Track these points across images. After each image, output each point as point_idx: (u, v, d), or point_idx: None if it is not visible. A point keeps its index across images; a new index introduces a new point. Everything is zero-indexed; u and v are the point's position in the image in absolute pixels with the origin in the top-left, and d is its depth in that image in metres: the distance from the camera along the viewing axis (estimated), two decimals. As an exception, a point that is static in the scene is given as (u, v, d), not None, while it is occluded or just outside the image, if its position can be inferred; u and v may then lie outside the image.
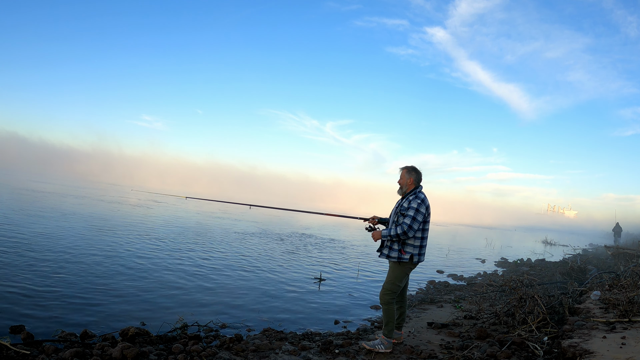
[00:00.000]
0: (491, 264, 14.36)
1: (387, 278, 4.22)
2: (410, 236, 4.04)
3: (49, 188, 26.96)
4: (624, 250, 10.26)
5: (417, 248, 4.14)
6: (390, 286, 4.15)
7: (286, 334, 4.79)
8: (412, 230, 4.02)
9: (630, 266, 6.81)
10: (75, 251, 8.18)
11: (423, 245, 4.20)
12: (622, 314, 4.51)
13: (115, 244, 9.51)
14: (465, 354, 4.08)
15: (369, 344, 4.20)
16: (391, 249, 4.17)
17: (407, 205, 4.11)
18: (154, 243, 10.38)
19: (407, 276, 4.28)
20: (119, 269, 7.21)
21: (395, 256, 4.11)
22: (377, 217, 4.50)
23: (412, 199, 4.13)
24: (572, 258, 15.30)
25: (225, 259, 9.47)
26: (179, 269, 7.84)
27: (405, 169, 4.29)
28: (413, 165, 4.30)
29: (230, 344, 4.18)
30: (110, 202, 22.80)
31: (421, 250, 4.19)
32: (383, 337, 4.19)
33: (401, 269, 4.15)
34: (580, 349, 3.65)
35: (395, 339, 4.40)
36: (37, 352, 3.52)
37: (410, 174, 4.25)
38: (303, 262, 10.18)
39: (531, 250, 21.90)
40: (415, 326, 5.31)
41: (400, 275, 4.16)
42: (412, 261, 4.11)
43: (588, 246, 29.46)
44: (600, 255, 14.32)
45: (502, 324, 5.15)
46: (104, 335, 4.12)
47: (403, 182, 4.29)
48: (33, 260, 7.02)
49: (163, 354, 3.79)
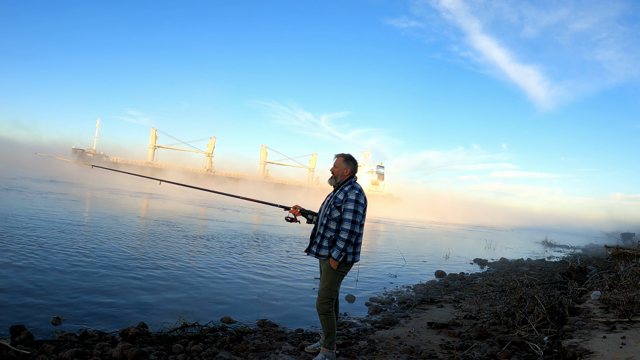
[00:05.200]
0: (491, 264, 14.35)
1: (322, 284, 3.81)
2: (358, 232, 3.67)
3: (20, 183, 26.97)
4: (624, 250, 10.25)
5: (351, 246, 3.72)
6: (327, 293, 3.77)
7: (286, 334, 4.79)
8: (357, 225, 3.65)
9: (630, 266, 6.81)
10: (74, 251, 8.18)
11: (358, 243, 3.78)
12: (622, 314, 4.51)
13: (115, 244, 9.51)
14: (465, 354, 4.08)
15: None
16: (320, 247, 3.77)
17: (343, 197, 3.71)
18: (153, 243, 10.38)
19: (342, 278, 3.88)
20: (118, 269, 7.20)
21: (325, 254, 3.74)
22: (300, 207, 4.09)
23: (348, 190, 3.73)
24: (572, 258, 15.30)
25: (225, 258, 9.46)
26: (179, 269, 7.83)
27: (342, 157, 3.89)
28: (350, 154, 3.91)
29: (230, 344, 4.18)
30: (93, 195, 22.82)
31: (356, 249, 3.77)
32: (325, 350, 3.84)
33: (336, 272, 3.75)
34: (580, 349, 3.65)
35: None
36: (37, 352, 3.52)
37: (347, 164, 3.85)
38: (303, 261, 10.17)
39: (531, 250, 21.92)
40: (415, 326, 5.31)
41: (337, 279, 3.79)
42: (346, 261, 3.72)
43: (588, 246, 29.46)
44: (600, 255, 14.31)
45: (502, 324, 5.15)
46: (104, 335, 4.12)
47: (338, 172, 3.87)
48: (32, 260, 7.02)
49: (163, 354, 3.79)
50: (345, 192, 3.74)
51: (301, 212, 4.08)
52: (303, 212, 4.09)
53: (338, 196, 3.76)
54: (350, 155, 3.93)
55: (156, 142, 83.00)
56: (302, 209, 4.09)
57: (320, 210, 3.97)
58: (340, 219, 3.71)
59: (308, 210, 4.13)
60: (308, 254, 3.93)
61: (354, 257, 3.77)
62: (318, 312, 3.83)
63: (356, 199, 3.68)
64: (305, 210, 4.11)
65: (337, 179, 3.89)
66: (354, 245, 3.74)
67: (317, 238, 3.85)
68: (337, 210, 3.72)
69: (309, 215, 4.10)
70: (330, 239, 3.74)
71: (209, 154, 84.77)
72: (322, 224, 3.81)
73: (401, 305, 6.92)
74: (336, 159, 3.92)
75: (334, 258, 3.66)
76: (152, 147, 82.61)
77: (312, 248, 3.90)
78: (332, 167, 3.92)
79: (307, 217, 4.11)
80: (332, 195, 3.88)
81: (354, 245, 3.74)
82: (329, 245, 3.74)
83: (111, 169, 6.69)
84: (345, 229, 3.64)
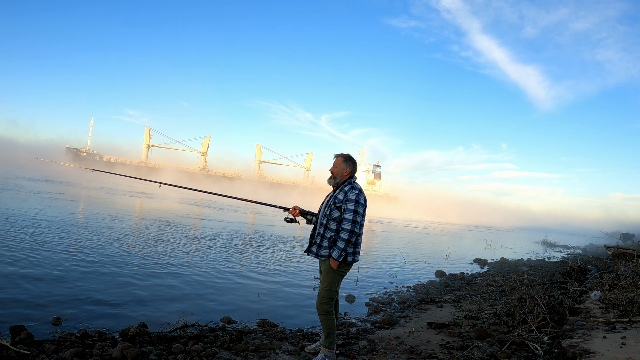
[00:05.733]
0: (491, 264, 14.35)
1: (322, 284, 3.81)
2: (358, 232, 3.68)
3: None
4: (624, 250, 10.26)
5: (351, 246, 3.72)
6: (327, 293, 3.77)
7: (286, 334, 4.79)
8: (357, 225, 3.65)
9: (630, 266, 6.81)
10: (74, 251, 8.18)
11: (358, 243, 3.78)
12: (622, 314, 4.51)
13: (114, 244, 9.51)
14: (465, 354, 4.08)
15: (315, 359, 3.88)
16: (320, 247, 3.77)
17: (343, 197, 3.71)
18: (153, 242, 10.38)
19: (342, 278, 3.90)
20: (118, 269, 7.20)
21: (325, 254, 3.75)
22: (299, 207, 4.07)
23: (348, 190, 3.74)
24: (572, 258, 15.30)
25: (224, 258, 9.46)
26: (179, 269, 7.83)
27: (342, 157, 3.89)
28: (349, 154, 3.92)
29: (230, 344, 4.18)
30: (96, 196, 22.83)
31: (356, 249, 3.77)
32: (325, 350, 3.83)
33: (336, 272, 3.75)
34: (580, 349, 3.65)
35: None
36: (37, 352, 3.52)
37: (347, 164, 3.85)
38: (303, 261, 10.17)
39: (531, 250, 21.92)
40: (415, 326, 5.31)
41: (337, 279, 3.79)
42: (346, 261, 3.72)
43: (588, 246, 29.47)
44: (600, 255, 14.32)
45: (502, 324, 5.15)
46: (104, 335, 4.12)
47: (337, 172, 3.86)
48: (32, 260, 7.02)
49: (163, 354, 3.79)
50: (345, 192, 3.74)
51: (300, 213, 4.07)
52: (302, 213, 4.08)
53: (338, 196, 3.76)
54: (349, 155, 3.92)
55: (150, 142, 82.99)
56: (301, 210, 4.07)
57: (319, 210, 3.96)
58: (340, 219, 3.71)
59: (307, 210, 4.13)
60: (308, 254, 3.92)
61: (354, 257, 3.77)
62: (318, 312, 3.83)
63: (356, 199, 3.68)
64: (305, 210, 4.10)
65: (336, 179, 3.88)
66: (354, 245, 3.74)
67: (317, 238, 3.84)
68: (337, 210, 3.72)
69: (309, 215, 4.10)
70: (330, 239, 3.74)
71: (204, 153, 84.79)
72: (322, 224, 3.80)
73: (401, 305, 6.92)
74: (335, 159, 3.92)
75: (334, 258, 3.66)
76: (146, 146, 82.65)
77: (312, 248, 3.89)
78: (331, 167, 3.91)
79: (307, 218, 4.11)
80: (331, 195, 3.87)
81: (354, 245, 3.74)
82: (329, 245, 3.74)
83: (112, 173, 6.69)
84: (345, 229, 3.64)
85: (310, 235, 3.99)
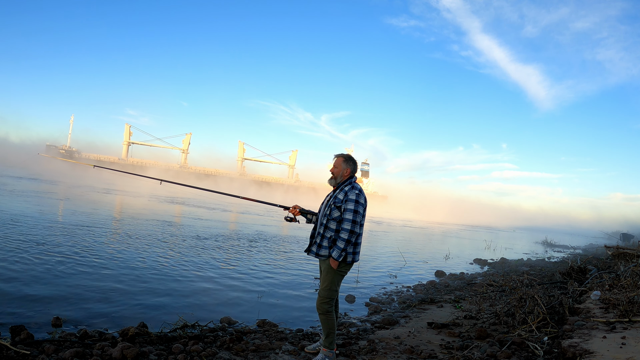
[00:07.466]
0: (491, 264, 14.35)
1: (322, 284, 3.82)
2: (358, 232, 3.70)
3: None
4: (624, 250, 10.27)
5: (351, 246, 3.73)
6: (327, 293, 3.78)
7: (286, 334, 4.79)
8: (357, 225, 3.67)
9: (630, 266, 6.82)
10: (74, 251, 8.18)
11: (358, 243, 3.80)
12: (622, 314, 4.51)
13: (114, 244, 9.51)
14: (465, 354, 4.08)
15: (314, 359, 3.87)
16: (320, 247, 3.79)
17: (343, 197, 3.73)
18: (152, 242, 10.38)
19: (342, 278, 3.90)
20: (118, 269, 7.20)
21: (325, 254, 3.75)
22: (300, 207, 4.09)
23: (348, 190, 3.75)
24: (572, 258, 15.31)
25: (224, 258, 9.46)
26: (178, 269, 7.83)
27: (342, 157, 3.91)
28: (350, 154, 3.95)
29: (230, 344, 4.18)
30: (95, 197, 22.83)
31: (356, 249, 3.78)
32: (325, 350, 3.84)
33: (336, 272, 3.76)
34: (581, 349, 3.65)
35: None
36: (37, 352, 3.52)
37: (347, 164, 3.87)
38: (303, 261, 10.17)
39: (531, 250, 21.92)
40: (416, 326, 5.31)
41: (337, 279, 3.80)
42: (346, 261, 3.73)
43: (588, 246, 29.47)
44: (600, 255, 14.31)
45: (502, 324, 5.15)
46: (104, 335, 4.12)
47: (337, 172, 3.88)
48: (31, 260, 7.02)
49: (163, 354, 3.79)
50: (345, 192, 3.75)
51: (301, 212, 4.08)
52: (303, 212, 4.09)
53: (338, 196, 3.77)
54: (350, 155, 3.96)
55: (130, 139, 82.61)
56: (301, 209, 4.09)
57: (319, 210, 3.98)
58: (340, 219, 3.72)
59: (308, 210, 4.14)
60: (308, 254, 3.93)
61: (354, 257, 3.78)
62: (318, 312, 3.83)
63: (356, 199, 3.69)
64: (305, 210, 4.11)
65: (337, 179, 3.90)
66: (354, 245, 3.75)
67: (317, 238, 3.85)
68: (337, 210, 3.73)
69: (309, 215, 4.12)
70: (330, 239, 3.75)
71: (184, 150, 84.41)
72: (322, 223, 3.82)
73: (401, 305, 6.92)
74: (336, 159, 3.93)
75: (334, 258, 3.67)
76: (126, 143, 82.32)
77: (312, 248, 3.90)
78: (331, 168, 3.93)
79: (307, 217, 4.13)
80: (332, 195, 3.89)
81: (354, 245, 3.75)
82: (329, 245, 3.75)
83: (113, 169, 6.70)
84: (345, 229, 3.66)
85: (310, 234, 4.00)
